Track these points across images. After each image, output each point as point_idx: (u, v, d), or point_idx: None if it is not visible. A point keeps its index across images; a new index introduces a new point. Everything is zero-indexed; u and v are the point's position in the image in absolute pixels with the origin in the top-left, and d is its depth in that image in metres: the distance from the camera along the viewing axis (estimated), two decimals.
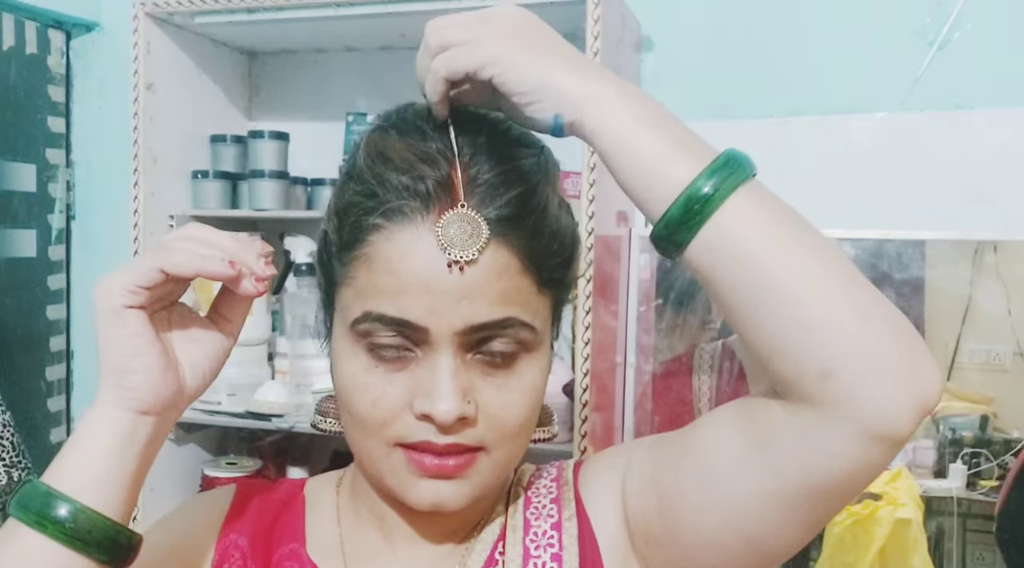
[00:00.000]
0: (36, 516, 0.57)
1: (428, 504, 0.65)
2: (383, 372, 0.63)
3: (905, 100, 1.69)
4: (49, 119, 2.16)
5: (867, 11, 1.72)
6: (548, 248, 0.64)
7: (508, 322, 0.62)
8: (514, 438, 0.66)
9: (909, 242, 1.66)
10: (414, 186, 0.62)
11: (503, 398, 0.64)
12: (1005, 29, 1.65)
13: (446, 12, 0.64)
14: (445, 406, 0.61)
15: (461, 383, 0.62)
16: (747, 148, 0.61)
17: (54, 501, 0.58)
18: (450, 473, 0.64)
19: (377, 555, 0.71)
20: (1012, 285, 1.64)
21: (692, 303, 1.79)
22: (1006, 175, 1.64)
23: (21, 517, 0.58)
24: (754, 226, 0.57)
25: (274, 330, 1.95)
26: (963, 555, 1.66)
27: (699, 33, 1.81)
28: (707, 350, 1.81)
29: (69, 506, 0.58)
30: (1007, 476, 1.64)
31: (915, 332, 0.56)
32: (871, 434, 0.55)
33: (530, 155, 0.65)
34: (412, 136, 0.64)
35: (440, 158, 0.62)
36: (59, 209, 2.19)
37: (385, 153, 0.64)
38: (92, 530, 0.58)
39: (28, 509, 0.58)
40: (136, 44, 1.78)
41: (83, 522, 0.58)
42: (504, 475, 0.69)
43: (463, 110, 0.65)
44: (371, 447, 0.65)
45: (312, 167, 1.99)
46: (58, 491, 0.58)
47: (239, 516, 0.73)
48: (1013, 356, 1.66)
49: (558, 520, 0.69)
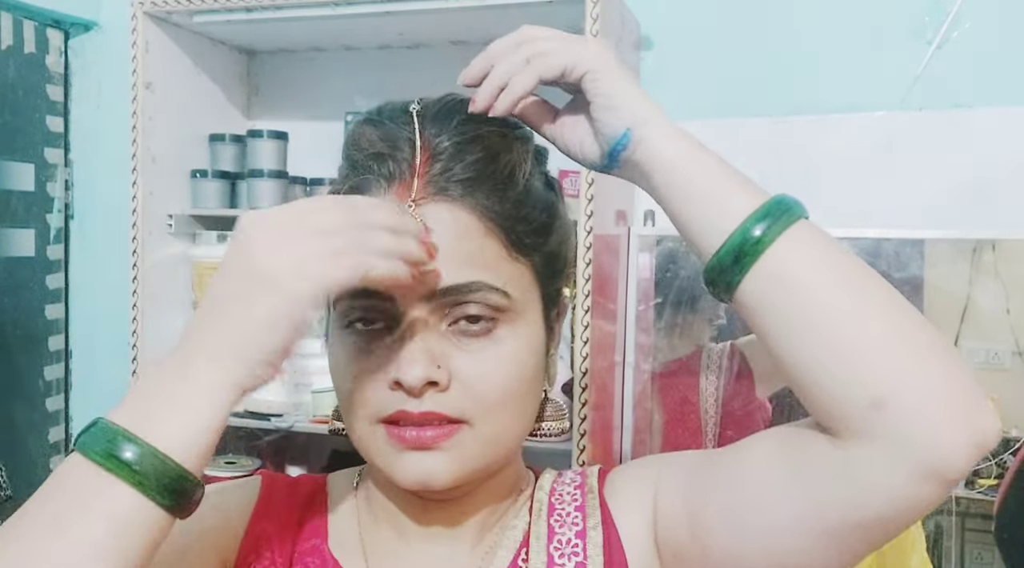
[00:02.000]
0: (105, 455, 0.54)
1: (414, 480, 0.64)
2: (365, 354, 0.64)
3: (904, 99, 1.70)
4: (48, 118, 2.16)
5: (866, 10, 1.72)
6: (515, 212, 0.65)
7: (475, 285, 0.63)
8: (498, 411, 0.64)
9: (908, 241, 1.66)
10: (377, 165, 0.65)
11: (480, 367, 0.64)
12: (1004, 28, 1.65)
13: (444, 12, 0.65)
14: (412, 370, 0.61)
15: (431, 349, 0.63)
16: (746, 147, 0.62)
17: (125, 443, 0.54)
18: (429, 444, 0.63)
19: (395, 553, 0.71)
20: (1011, 284, 1.64)
21: (694, 302, 1.80)
22: (1005, 174, 1.64)
23: (95, 457, 0.54)
24: (808, 261, 0.58)
25: None
26: (961, 554, 1.67)
27: (698, 32, 1.81)
28: (715, 350, 1.81)
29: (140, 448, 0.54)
30: (1006, 475, 1.64)
31: (972, 374, 0.55)
32: (921, 470, 0.53)
33: (498, 133, 0.67)
34: (382, 125, 0.67)
35: (403, 139, 0.65)
36: (58, 208, 2.19)
37: (356, 139, 0.68)
38: (181, 487, 0.55)
39: (97, 448, 0.54)
40: (135, 43, 1.78)
41: (149, 464, 0.54)
42: (493, 454, 0.67)
43: (435, 101, 0.68)
44: (360, 428, 0.66)
45: (311, 166, 1.99)
46: (141, 438, 0.54)
47: (267, 507, 0.73)
48: (1012, 355, 1.66)
49: (583, 528, 0.69)
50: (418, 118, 0.66)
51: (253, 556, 0.70)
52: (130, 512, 0.54)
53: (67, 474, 0.55)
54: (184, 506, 0.56)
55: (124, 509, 0.54)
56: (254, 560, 0.70)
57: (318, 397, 1.77)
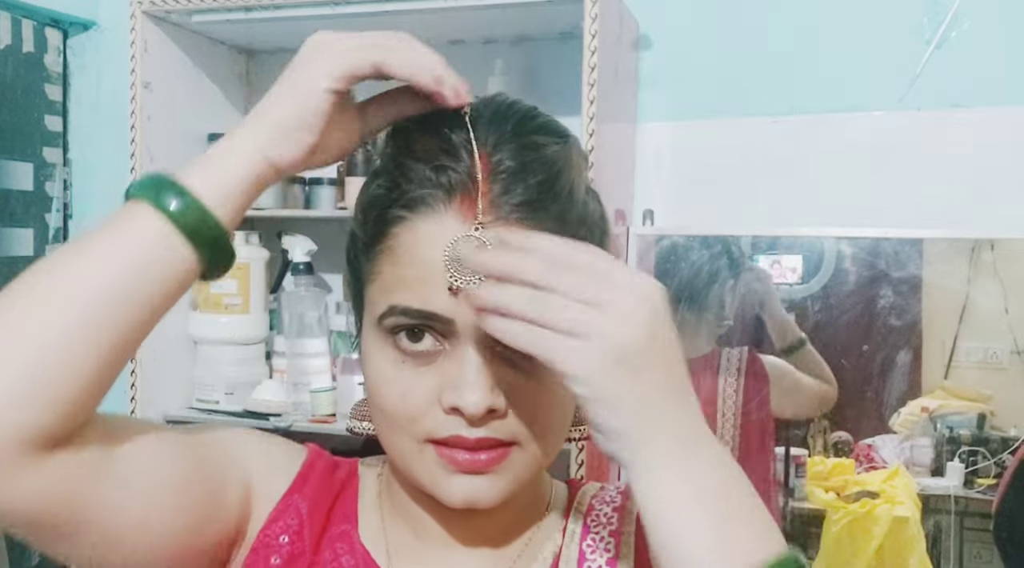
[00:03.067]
0: (154, 196, 0.59)
1: (461, 500, 0.63)
2: (411, 366, 0.62)
3: (903, 99, 1.70)
4: (46, 118, 2.16)
5: (864, 10, 1.72)
6: (575, 235, 0.61)
7: None
8: (548, 430, 0.64)
9: (906, 241, 1.66)
10: (436, 177, 0.61)
11: (534, 390, 0.62)
12: (1002, 28, 1.66)
13: (443, 11, 0.64)
14: (473, 398, 0.59)
15: (489, 375, 0.60)
16: (744, 147, 0.61)
17: (173, 190, 0.59)
18: (482, 468, 0.62)
19: (415, 555, 0.70)
20: (1009, 283, 1.65)
21: (695, 302, 1.80)
22: (1004, 173, 1.64)
23: (140, 194, 0.59)
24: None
25: (272, 329, 1.95)
26: (960, 553, 1.67)
27: (696, 32, 1.81)
28: (734, 354, 1.81)
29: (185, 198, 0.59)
30: (1004, 474, 1.64)
31: None
32: None
33: (553, 142, 0.64)
34: (434, 129, 0.63)
35: (462, 149, 0.62)
36: (56, 208, 2.19)
37: (408, 145, 0.64)
38: (202, 225, 0.59)
39: (147, 189, 0.59)
40: (133, 43, 1.78)
41: (194, 213, 0.59)
42: (537, 470, 0.66)
43: (486, 103, 0.65)
44: (402, 444, 0.64)
45: None
46: (178, 182, 0.59)
47: (305, 481, 0.72)
48: (1010, 354, 1.66)
49: (615, 555, 0.67)
50: (472, 123, 0.63)
51: (279, 526, 0.69)
52: (158, 241, 0.58)
53: (110, 215, 0.61)
54: (209, 257, 0.59)
55: (151, 237, 0.58)
56: (280, 531, 0.69)
57: (317, 396, 1.77)
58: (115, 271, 0.57)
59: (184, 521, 0.63)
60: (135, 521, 0.61)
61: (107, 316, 0.56)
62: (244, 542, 0.69)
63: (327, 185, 1.93)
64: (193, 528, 0.64)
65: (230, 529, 0.68)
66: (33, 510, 0.56)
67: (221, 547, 0.68)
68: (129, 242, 0.58)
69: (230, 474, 0.68)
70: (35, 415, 0.54)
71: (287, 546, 0.68)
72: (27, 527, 0.58)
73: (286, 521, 0.69)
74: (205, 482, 0.65)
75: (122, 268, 0.57)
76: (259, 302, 1.89)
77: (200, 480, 0.65)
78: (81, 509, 0.58)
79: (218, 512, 0.66)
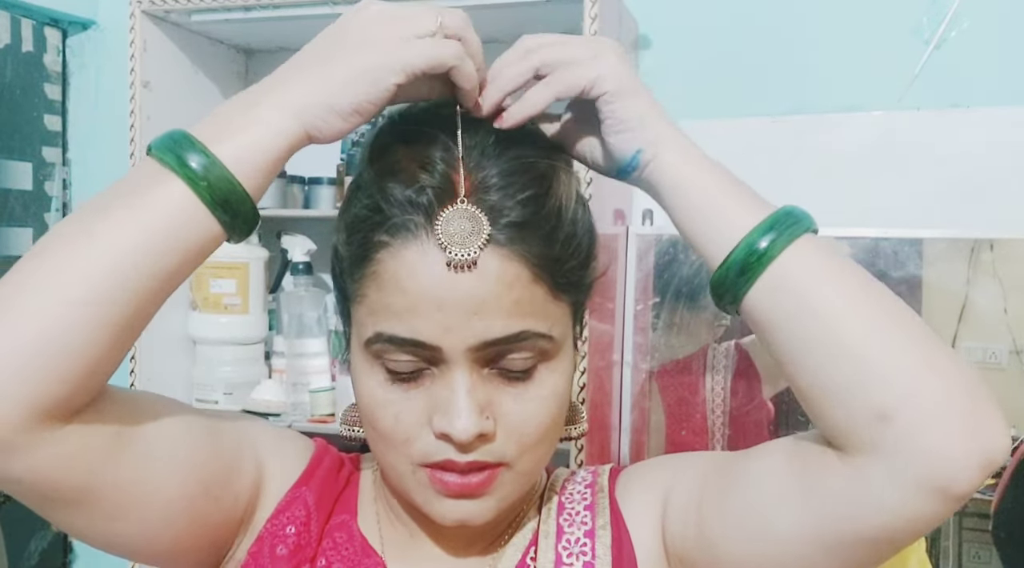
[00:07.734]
0: (179, 164, 0.57)
1: (453, 521, 0.65)
2: (401, 389, 0.63)
3: (902, 98, 1.70)
4: (45, 117, 2.16)
5: (864, 10, 1.72)
6: (563, 254, 0.62)
7: (523, 335, 0.61)
8: (536, 448, 0.65)
9: (906, 240, 1.66)
10: (416, 198, 0.60)
11: (523, 410, 0.63)
12: (1001, 28, 1.66)
13: None
14: (462, 424, 0.60)
15: (478, 399, 0.61)
16: (744, 146, 0.62)
17: (198, 152, 0.58)
18: (473, 492, 0.63)
19: (408, 547, 0.71)
20: (1008, 283, 1.65)
21: (694, 301, 1.80)
22: (1003, 173, 1.65)
23: (162, 156, 0.58)
24: (814, 273, 0.58)
25: (271, 329, 1.95)
26: (959, 553, 1.67)
27: (696, 31, 1.81)
28: (720, 350, 1.81)
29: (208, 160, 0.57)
30: (1003, 474, 1.64)
31: (984, 387, 0.55)
32: (927, 485, 0.53)
33: (543, 155, 0.64)
34: (416, 141, 0.62)
35: (441, 163, 0.61)
36: (55, 207, 2.19)
37: (388, 162, 0.63)
38: (231, 196, 0.57)
39: (169, 150, 0.58)
40: (133, 42, 1.78)
41: (223, 185, 0.57)
42: (528, 485, 0.68)
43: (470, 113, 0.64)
44: (397, 464, 0.65)
45: (309, 166, 1.99)
46: (205, 146, 0.58)
47: (313, 475, 0.73)
48: (1009, 354, 1.66)
49: (592, 527, 0.69)
50: (455, 135, 0.62)
51: (286, 517, 0.70)
52: (183, 213, 0.57)
53: (132, 171, 0.60)
54: (230, 222, 0.58)
55: (176, 209, 0.57)
56: (287, 521, 0.70)
57: (316, 397, 1.77)
58: (136, 243, 0.56)
59: (193, 503, 0.64)
60: (148, 496, 0.61)
61: (125, 291, 0.56)
62: (249, 530, 0.70)
63: (327, 185, 1.93)
64: (200, 510, 0.65)
65: (237, 515, 0.68)
66: (48, 480, 0.57)
67: (225, 531, 0.68)
68: (154, 214, 0.56)
69: (244, 461, 0.68)
70: (49, 386, 0.54)
71: (293, 536, 0.69)
72: (42, 496, 0.58)
73: (293, 512, 0.70)
74: (220, 466, 0.66)
75: (143, 239, 0.56)
76: (258, 302, 1.89)
77: (216, 464, 0.65)
78: (96, 481, 0.58)
79: (228, 496, 0.67)
